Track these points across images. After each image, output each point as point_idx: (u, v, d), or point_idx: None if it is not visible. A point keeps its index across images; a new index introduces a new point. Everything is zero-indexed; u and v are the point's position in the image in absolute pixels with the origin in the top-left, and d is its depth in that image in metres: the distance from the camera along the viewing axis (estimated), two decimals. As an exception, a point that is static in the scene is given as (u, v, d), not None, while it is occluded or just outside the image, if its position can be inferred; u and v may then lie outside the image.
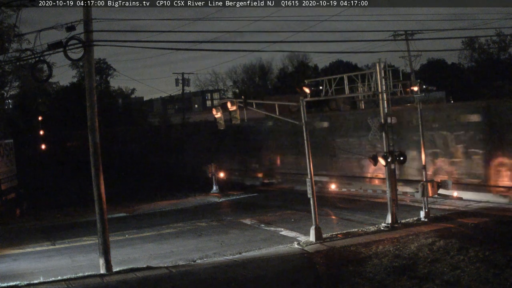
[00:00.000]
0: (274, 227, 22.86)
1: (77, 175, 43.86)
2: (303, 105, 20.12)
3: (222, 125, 23.12)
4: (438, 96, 60.78)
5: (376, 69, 21.23)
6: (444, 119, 26.55)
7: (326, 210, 25.03)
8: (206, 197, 32.77)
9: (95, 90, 17.47)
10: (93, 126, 17.26)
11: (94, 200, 17.34)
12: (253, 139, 38.75)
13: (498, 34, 63.97)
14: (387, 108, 21.16)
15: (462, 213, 22.69)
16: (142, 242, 21.36)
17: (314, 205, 19.69)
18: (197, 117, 67.93)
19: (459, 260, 15.52)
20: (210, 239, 21.23)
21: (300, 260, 17.31)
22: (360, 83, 22.21)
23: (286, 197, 30.93)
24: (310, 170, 19.90)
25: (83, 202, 30.39)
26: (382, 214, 22.13)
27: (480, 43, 71.19)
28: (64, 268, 17.71)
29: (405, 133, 27.43)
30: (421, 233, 19.17)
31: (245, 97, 22.31)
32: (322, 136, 32.67)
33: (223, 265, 17.09)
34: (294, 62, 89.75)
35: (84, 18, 16.70)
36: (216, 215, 26.80)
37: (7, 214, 29.28)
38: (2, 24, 32.46)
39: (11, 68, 39.48)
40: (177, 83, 64.70)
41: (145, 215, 28.21)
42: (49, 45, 16.51)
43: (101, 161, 17.35)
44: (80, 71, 69.43)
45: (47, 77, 19.87)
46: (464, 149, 25.64)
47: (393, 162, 20.93)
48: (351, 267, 15.92)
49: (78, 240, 22.46)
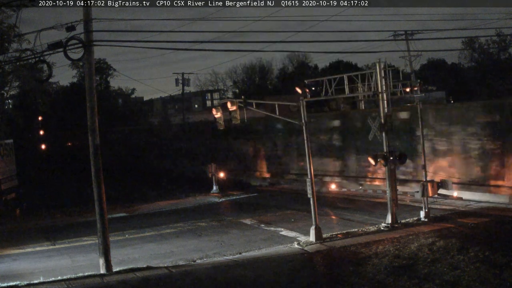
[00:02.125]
0: (274, 227, 22.86)
1: (77, 175, 43.86)
2: (303, 105, 20.13)
3: (222, 125, 23.11)
4: (438, 96, 60.77)
5: (376, 69, 21.23)
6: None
7: (326, 210, 25.03)
8: (206, 197, 32.77)
9: (95, 90, 17.48)
10: (93, 126, 17.26)
11: (94, 200, 17.35)
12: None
13: (498, 34, 63.94)
14: (387, 108, 21.18)
15: (462, 213, 22.70)
16: (142, 242, 21.36)
17: (314, 205, 19.69)
18: (197, 117, 67.92)
19: (459, 260, 15.53)
20: (210, 239, 21.24)
21: (300, 260, 17.31)
22: (360, 83, 22.21)
23: (286, 197, 30.94)
24: (310, 170, 19.91)
25: (83, 202, 30.37)
26: (382, 214, 22.14)
27: (480, 43, 71.16)
28: (64, 268, 17.72)
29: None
30: (421, 233, 19.18)
31: (245, 97, 22.31)
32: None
33: (223, 265, 17.09)
34: (294, 62, 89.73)
35: (84, 18, 16.69)
36: (216, 215, 26.80)
37: (7, 214, 29.29)
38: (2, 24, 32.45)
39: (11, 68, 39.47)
40: (177, 83, 64.72)
41: (145, 215, 28.20)
42: (49, 45, 16.52)
43: (101, 161, 17.36)
44: (80, 71, 69.36)
45: (47, 77, 19.94)
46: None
47: (393, 162, 20.94)
48: (351, 267, 15.92)
49: (78, 240, 22.47)
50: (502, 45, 69.35)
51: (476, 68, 71.27)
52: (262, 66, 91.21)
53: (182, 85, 64.33)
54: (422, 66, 76.46)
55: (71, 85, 75.32)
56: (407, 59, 51.94)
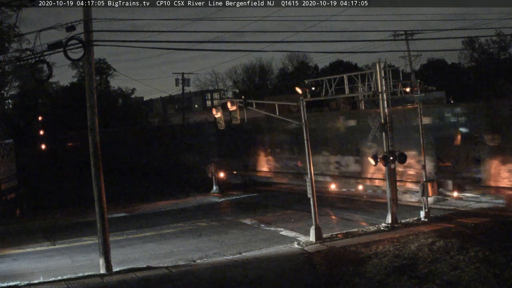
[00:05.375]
0: (274, 227, 22.86)
1: (77, 175, 43.87)
2: (303, 105, 20.13)
3: (222, 125, 23.11)
4: (438, 96, 60.68)
5: (376, 69, 21.23)
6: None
7: (326, 210, 25.02)
8: (206, 197, 32.75)
9: (95, 90, 17.48)
10: (93, 126, 17.26)
11: (94, 200, 17.34)
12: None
13: (498, 34, 63.91)
14: (387, 108, 21.18)
15: (462, 213, 22.69)
16: (142, 242, 21.35)
17: (314, 205, 19.69)
18: (197, 117, 67.98)
19: (459, 260, 15.53)
20: (210, 239, 21.23)
21: (300, 260, 17.31)
22: (360, 83, 22.21)
23: (286, 197, 30.93)
24: (310, 170, 19.92)
25: (83, 202, 30.37)
26: (382, 214, 22.14)
27: (480, 43, 71.13)
28: (64, 268, 17.71)
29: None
30: (421, 233, 19.17)
31: (245, 97, 22.32)
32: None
33: (223, 265, 17.09)
34: (294, 62, 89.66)
35: (84, 18, 16.69)
36: (216, 215, 26.80)
37: (7, 214, 29.26)
38: (2, 24, 32.45)
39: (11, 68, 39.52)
40: (177, 83, 64.73)
41: (145, 215, 28.20)
42: (49, 45, 16.51)
43: (101, 161, 17.36)
44: (80, 71, 69.40)
45: (47, 77, 19.89)
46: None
47: (393, 162, 20.94)
48: (351, 267, 15.92)
49: (78, 240, 22.46)
50: (502, 45, 69.34)
51: (476, 68, 71.23)
52: (262, 66, 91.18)
53: (182, 85, 64.35)
54: (422, 66, 76.40)
55: (71, 85, 75.33)
56: (407, 59, 51.89)
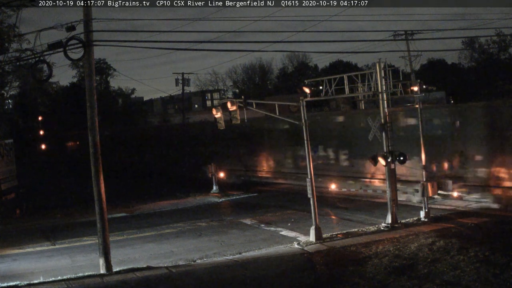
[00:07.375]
0: (274, 227, 22.86)
1: (77, 175, 43.83)
2: (303, 105, 20.12)
3: (222, 125, 23.09)
4: (438, 96, 60.72)
5: (376, 69, 21.22)
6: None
7: (326, 210, 25.01)
8: (206, 197, 32.75)
9: (95, 90, 17.48)
10: (93, 126, 17.26)
11: (94, 200, 17.34)
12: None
13: (498, 34, 63.94)
14: (387, 108, 21.18)
15: (462, 213, 22.69)
16: (142, 242, 21.35)
17: (314, 205, 19.69)
18: (197, 117, 67.91)
19: (459, 260, 15.53)
20: (210, 239, 21.23)
21: (300, 260, 17.31)
22: (360, 83, 22.20)
23: (286, 197, 30.93)
24: (310, 170, 19.92)
25: (83, 202, 30.36)
26: (382, 214, 22.13)
27: (480, 43, 71.21)
28: (64, 268, 17.71)
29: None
30: (421, 233, 19.17)
31: (245, 97, 22.31)
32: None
33: (223, 265, 17.09)
34: (294, 62, 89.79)
35: (84, 18, 16.68)
36: (216, 215, 26.79)
37: (7, 214, 29.26)
38: (2, 24, 32.43)
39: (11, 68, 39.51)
40: (177, 83, 64.56)
41: (145, 215, 28.19)
42: (49, 45, 16.49)
43: (101, 161, 17.36)
44: (80, 71, 69.43)
45: (47, 77, 19.88)
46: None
47: (393, 162, 20.94)
48: (351, 267, 15.92)
49: (78, 240, 22.46)
50: (502, 45, 69.38)
51: (476, 68, 71.26)
52: (262, 66, 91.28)
53: (182, 85, 64.18)
54: (422, 66, 76.44)
55: (71, 85, 75.40)
56: (407, 59, 51.89)
